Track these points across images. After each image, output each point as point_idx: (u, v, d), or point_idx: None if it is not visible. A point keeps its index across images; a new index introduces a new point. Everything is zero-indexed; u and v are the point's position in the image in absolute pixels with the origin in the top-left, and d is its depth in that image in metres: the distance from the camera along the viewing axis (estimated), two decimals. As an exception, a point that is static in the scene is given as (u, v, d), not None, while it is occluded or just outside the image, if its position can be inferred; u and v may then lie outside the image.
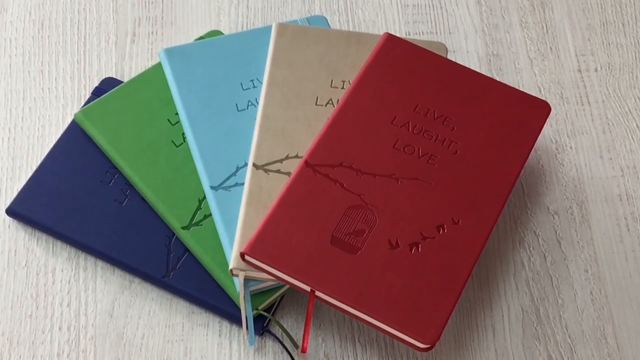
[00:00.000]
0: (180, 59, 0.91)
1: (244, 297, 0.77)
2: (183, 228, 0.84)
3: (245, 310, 0.77)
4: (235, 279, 0.79)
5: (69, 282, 0.86)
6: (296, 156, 0.82)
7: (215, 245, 0.82)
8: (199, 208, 0.85)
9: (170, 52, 0.91)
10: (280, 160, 0.82)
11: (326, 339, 0.82)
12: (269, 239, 0.76)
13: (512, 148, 0.81)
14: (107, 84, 0.94)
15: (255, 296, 0.80)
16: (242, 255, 0.76)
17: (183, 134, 0.89)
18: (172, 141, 0.89)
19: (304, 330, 0.75)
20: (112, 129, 0.89)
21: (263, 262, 0.74)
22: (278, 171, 0.82)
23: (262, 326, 0.82)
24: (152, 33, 1.00)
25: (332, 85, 0.87)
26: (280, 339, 0.82)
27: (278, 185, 0.80)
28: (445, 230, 0.76)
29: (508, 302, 0.84)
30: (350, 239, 0.76)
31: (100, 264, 0.87)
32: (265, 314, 0.81)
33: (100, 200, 0.88)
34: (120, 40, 1.00)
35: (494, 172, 0.80)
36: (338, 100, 0.86)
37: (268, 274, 0.76)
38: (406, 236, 0.76)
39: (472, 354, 0.82)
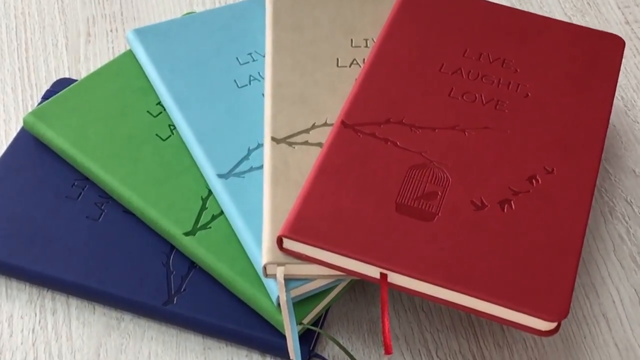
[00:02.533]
0: (155, 39, 0.72)
1: (287, 303, 0.56)
2: (186, 234, 0.63)
3: (289, 323, 0.56)
4: (269, 283, 0.58)
5: (33, 331, 0.63)
6: (325, 124, 0.64)
7: (232, 250, 0.62)
8: (203, 208, 0.64)
9: (141, 33, 0.73)
10: (307, 130, 0.63)
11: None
12: (315, 215, 0.56)
13: (592, 87, 0.65)
14: (62, 86, 0.74)
15: (296, 307, 0.58)
16: (279, 242, 0.56)
17: (170, 125, 0.69)
18: (157, 135, 0.69)
19: (383, 325, 0.54)
20: (75, 128, 0.69)
21: (311, 244, 0.54)
22: (305, 142, 0.63)
23: (308, 350, 0.60)
24: (111, 31, 0.82)
25: (354, 45, 0.70)
26: (335, 363, 0.61)
27: (309, 158, 0.61)
28: (539, 182, 0.58)
29: (616, 284, 0.65)
30: (421, 203, 0.57)
31: (74, 302, 0.64)
32: (314, 328, 0.60)
33: (67, 220, 0.66)
34: (72, 42, 0.81)
35: (579, 114, 0.63)
36: (364, 59, 0.68)
37: (318, 263, 0.56)
38: (492, 193, 0.57)
39: (587, 352, 0.62)
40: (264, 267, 0.57)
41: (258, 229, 0.60)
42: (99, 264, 0.64)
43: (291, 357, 0.57)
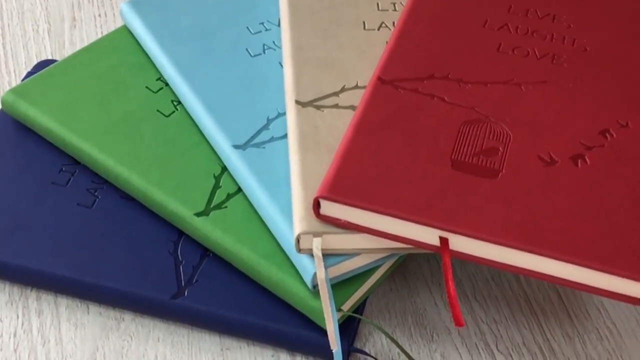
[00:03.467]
0: (152, 10, 0.64)
1: (325, 281, 0.46)
2: (198, 215, 0.53)
3: (329, 306, 0.46)
4: (302, 262, 0.48)
5: (15, 335, 0.53)
6: (357, 86, 0.55)
7: (253, 230, 0.52)
8: (217, 186, 0.55)
9: (137, 4, 0.64)
10: (336, 94, 0.55)
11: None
12: (357, 173, 0.47)
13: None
14: (45, 67, 0.64)
15: (332, 291, 0.49)
16: (315, 207, 0.47)
17: (174, 100, 0.60)
18: (159, 111, 0.60)
19: (450, 294, 0.45)
20: (62, 106, 0.60)
21: (356, 205, 0.45)
22: (336, 106, 0.54)
23: (347, 344, 0.50)
24: (99, 15, 0.73)
25: (380, 9, 0.62)
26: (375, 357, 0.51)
27: (342, 122, 0.53)
28: (614, 136, 0.50)
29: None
30: (481, 160, 0.48)
31: (63, 301, 0.54)
32: (357, 315, 0.50)
33: (54, 208, 0.57)
34: (55, 27, 0.72)
35: (647, 68, 0.55)
36: (393, 22, 0.60)
37: (362, 231, 0.46)
38: (562, 148, 0.49)
39: (673, 341, 0.52)
40: (297, 240, 0.47)
41: (285, 201, 0.51)
42: (94, 256, 0.54)
43: (332, 348, 0.47)
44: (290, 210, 0.50)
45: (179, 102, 0.60)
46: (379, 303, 0.55)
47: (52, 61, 0.67)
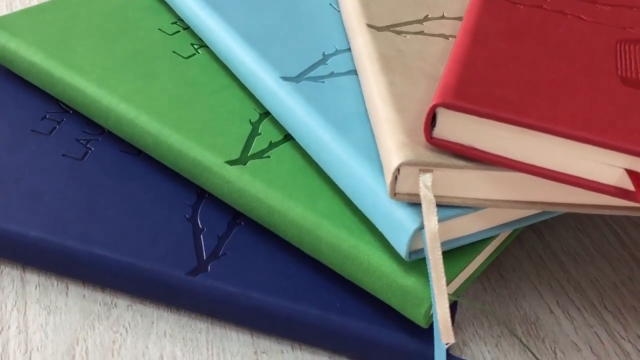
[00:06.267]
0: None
1: (436, 238, 0.31)
2: (231, 163, 0.38)
3: (440, 278, 0.31)
4: (395, 213, 0.33)
5: (-42, 321, 0.36)
6: (443, 17, 0.42)
7: (307, 184, 0.37)
8: (255, 133, 0.40)
9: None
10: (419, 21, 0.41)
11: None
12: (492, 78, 0.32)
13: None
14: (34, 9, 0.50)
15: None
16: (428, 124, 0.32)
17: (194, 44, 0.46)
18: (175, 52, 0.45)
19: None
20: (53, 39, 0.46)
21: (500, 116, 0.31)
22: (421, 32, 0.40)
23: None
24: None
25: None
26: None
27: (434, 48, 0.39)
28: None
29: None
30: (657, 79, 0.34)
31: (33, 278, 0.39)
32: (467, 301, 0.35)
33: (31, 159, 0.41)
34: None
35: None
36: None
37: (496, 163, 0.32)
38: None
39: None
40: (395, 176, 0.32)
41: (359, 140, 0.36)
42: (80, 216, 0.39)
43: (444, 341, 0.31)
44: (368, 150, 0.35)
45: (201, 46, 0.46)
46: (471, 306, 0.39)
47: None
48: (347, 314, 0.35)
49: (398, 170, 0.32)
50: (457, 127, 0.31)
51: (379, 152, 0.34)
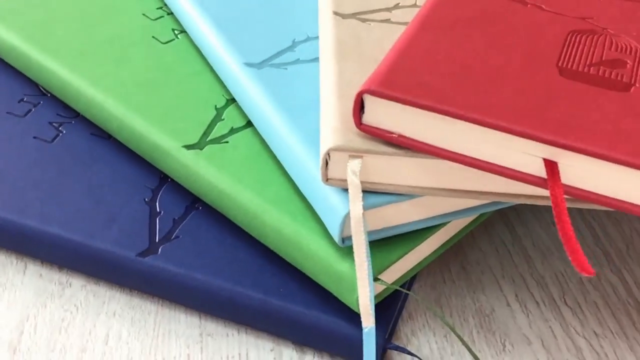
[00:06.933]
0: None
1: (361, 223, 0.31)
2: (188, 147, 0.38)
3: (365, 262, 0.31)
4: (330, 199, 0.33)
5: None
6: (415, 5, 0.41)
7: (260, 171, 0.37)
8: (218, 119, 0.40)
9: None
10: (388, 9, 0.41)
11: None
12: (423, 66, 0.32)
13: None
14: None
15: (375, 260, 0.33)
16: (357, 110, 0.32)
17: (175, 29, 0.47)
18: (154, 37, 0.46)
19: (568, 238, 0.29)
20: (31, 23, 0.47)
21: (422, 104, 0.30)
22: (387, 21, 0.40)
23: (383, 338, 0.34)
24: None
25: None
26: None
27: (395, 36, 0.38)
28: None
29: None
30: (603, 71, 0.33)
31: (-7, 258, 0.39)
32: (404, 290, 0.34)
33: (1, 142, 0.42)
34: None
35: None
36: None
37: (421, 150, 0.31)
38: None
39: None
40: (326, 161, 0.32)
41: (310, 129, 0.36)
42: (42, 197, 0.39)
43: (364, 325, 0.31)
44: (316, 136, 0.35)
45: (182, 31, 0.46)
46: (427, 296, 0.39)
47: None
48: (288, 298, 0.35)
49: (328, 155, 0.32)
50: (384, 114, 0.31)
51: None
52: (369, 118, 0.32)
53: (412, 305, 0.38)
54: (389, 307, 0.35)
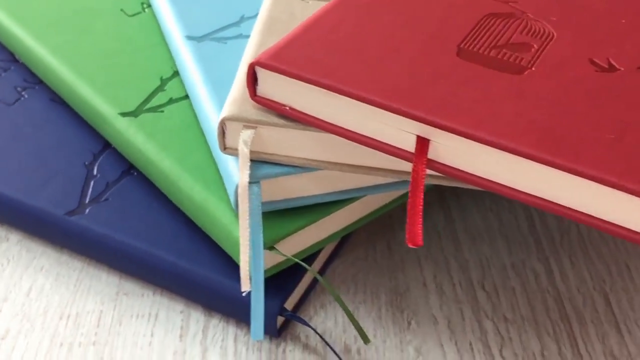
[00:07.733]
0: None
1: (246, 189, 0.32)
2: (123, 115, 0.40)
3: (247, 225, 0.32)
4: (228, 167, 0.34)
5: None
6: (360, -15, 0.41)
7: (186, 142, 0.39)
8: (160, 89, 0.42)
9: None
10: (330, -11, 0.41)
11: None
12: (317, 43, 0.33)
13: None
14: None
15: (270, 222, 0.34)
16: (251, 82, 0.33)
17: (144, 3, 0.48)
18: (122, 10, 0.48)
19: (413, 207, 0.29)
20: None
21: (303, 76, 0.31)
22: None
23: (279, 305, 0.35)
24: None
25: None
26: (322, 335, 0.36)
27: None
28: None
29: None
30: (503, 54, 0.33)
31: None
32: (297, 260, 0.35)
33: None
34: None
35: None
36: None
37: (309, 123, 0.32)
38: (627, 57, 0.34)
39: None
40: (222, 129, 0.33)
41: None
42: (-10, 157, 0.41)
43: (242, 288, 0.32)
44: (232, 108, 0.36)
45: (149, 5, 0.48)
46: (345, 271, 0.40)
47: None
48: (198, 263, 0.36)
49: (224, 124, 0.33)
50: (275, 86, 0.32)
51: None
52: (262, 90, 0.33)
53: (332, 278, 0.39)
54: (291, 277, 0.36)
